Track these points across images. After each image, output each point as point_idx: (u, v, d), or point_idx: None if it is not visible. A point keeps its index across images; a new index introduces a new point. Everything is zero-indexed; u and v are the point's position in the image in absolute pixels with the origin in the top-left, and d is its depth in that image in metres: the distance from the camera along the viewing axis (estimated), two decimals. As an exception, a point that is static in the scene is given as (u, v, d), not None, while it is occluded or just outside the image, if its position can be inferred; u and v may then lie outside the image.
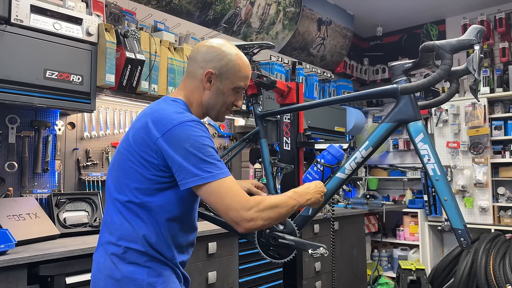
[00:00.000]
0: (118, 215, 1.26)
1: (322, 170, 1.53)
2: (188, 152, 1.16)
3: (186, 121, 1.20)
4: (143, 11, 2.95)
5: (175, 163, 1.17)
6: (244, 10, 3.54)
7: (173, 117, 1.20)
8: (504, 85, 4.34)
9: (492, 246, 3.78)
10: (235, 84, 1.35)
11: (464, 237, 1.28)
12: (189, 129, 1.18)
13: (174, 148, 1.17)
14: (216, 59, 1.32)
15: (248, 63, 1.39)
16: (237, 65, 1.34)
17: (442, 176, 1.33)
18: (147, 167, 1.21)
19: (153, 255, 1.23)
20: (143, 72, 2.49)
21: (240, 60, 1.36)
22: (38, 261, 1.75)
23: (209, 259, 2.46)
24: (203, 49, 1.35)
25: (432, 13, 4.88)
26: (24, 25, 2.04)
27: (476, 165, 4.21)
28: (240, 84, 1.36)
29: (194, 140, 1.17)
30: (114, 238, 1.25)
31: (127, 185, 1.24)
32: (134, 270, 1.21)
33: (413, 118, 1.39)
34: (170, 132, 1.18)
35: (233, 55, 1.35)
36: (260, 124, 1.72)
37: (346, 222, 3.74)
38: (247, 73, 1.38)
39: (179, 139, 1.17)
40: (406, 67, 1.41)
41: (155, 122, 1.21)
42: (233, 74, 1.34)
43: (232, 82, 1.34)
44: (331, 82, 4.61)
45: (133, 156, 1.23)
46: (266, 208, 1.19)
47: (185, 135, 1.17)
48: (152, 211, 1.23)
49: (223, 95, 1.35)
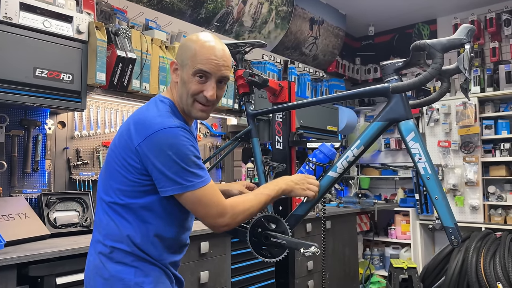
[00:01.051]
0: (104, 215, 1.25)
1: (314, 169, 1.53)
2: (169, 160, 1.14)
3: (169, 127, 1.16)
4: (134, 9, 2.93)
5: (156, 169, 1.16)
6: (236, 9, 3.53)
7: (155, 121, 1.17)
8: (494, 84, 4.38)
9: (483, 245, 3.81)
10: (194, 67, 1.22)
11: (455, 235, 1.28)
12: (171, 135, 1.15)
13: (155, 154, 1.15)
14: (181, 49, 1.29)
15: (215, 47, 1.25)
16: (195, 48, 1.23)
17: (433, 174, 1.34)
18: (130, 170, 1.20)
19: (140, 255, 1.22)
20: (134, 70, 2.48)
21: (200, 42, 1.24)
22: (28, 261, 1.73)
23: (201, 258, 2.45)
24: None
25: (424, 13, 4.91)
26: (13, 22, 2.02)
27: (467, 164, 4.24)
28: (199, 67, 1.22)
29: (176, 148, 1.15)
30: (102, 237, 1.25)
31: (111, 186, 1.24)
32: (121, 270, 1.20)
33: (404, 117, 1.39)
34: (151, 137, 1.15)
35: (195, 40, 1.26)
36: (252, 123, 1.72)
37: (338, 221, 3.75)
38: (208, 56, 1.23)
39: (161, 146, 1.14)
40: (397, 66, 1.41)
41: (137, 126, 1.19)
42: (191, 57, 1.23)
43: (190, 67, 1.23)
44: (324, 82, 4.62)
45: (117, 158, 1.22)
46: (240, 212, 1.25)
47: (167, 142, 1.14)
48: (137, 213, 1.22)
49: (185, 83, 1.25)
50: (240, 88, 1.72)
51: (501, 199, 4.15)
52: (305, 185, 1.41)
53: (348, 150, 1.47)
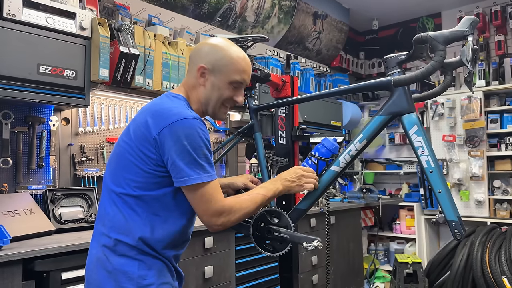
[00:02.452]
0: (112, 207, 1.26)
1: (316, 163, 1.53)
2: (184, 149, 1.17)
3: (187, 117, 1.20)
4: (137, 5, 2.93)
5: (170, 158, 1.18)
6: (239, 4, 3.53)
7: (173, 112, 1.21)
8: (499, 78, 4.34)
9: (488, 239, 3.80)
10: (230, 78, 1.32)
11: (458, 229, 1.28)
12: (188, 126, 1.19)
13: (172, 143, 1.18)
14: (210, 54, 1.32)
15: (246, 57, 1.36)
16: (232, 58, 1.32)
17: (436, 168, 1.33)
18: (146, 161, 1.22)
19: (143, 249, 1.23)
20: (138, 66, 2.48)
21: (235, 53, 1.33)
22: (34, 256, 1.75)
23: (205, 253, 2.46)
24: (200, 46, 1.37)
25: (428, 7, 4.87)
26: (16, 19, 2.03)
27: (472, 158, 4.22)
28: (236, 78, 1.33)
29: (192, 138, 1.18)
30: (106, 229, 1.26)
31: (124, 178, 1.25)
32: (124, 263, 1.21)
33: (407, 111, 1.38)
34: (170, 127, 1.18)
35: (228, 49, 1.33)
36: (254, 118, 1.72)
37: (343, 216, 3.74)
38: (243, 67, 1.34)
39: (178, 135, 1.18)
40: (400, 59, 1.40)
41: (155, 117, 1.22)
42: (227, 67, 1.31)
43: (226, 76, 1.32)
44: (327, 76, 4.61)
45: (132, 150, 1.24)
46: (236, 213, 1.26)
47: (184, 131, 1.18)
48: (148, 204, 1.23)
49: (218, 90, 1.33)
50: (242, 83, 1.72)
51: (507, 193, 4.13)
52: (302, 180, 1.42)
53: (350, 144, 1.47)
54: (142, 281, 1.21)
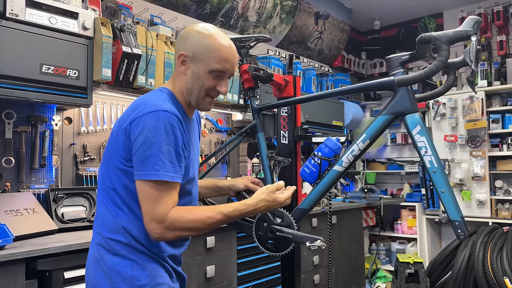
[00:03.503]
0: (101, 206, 1.27)
1: (319, 163, 1.53)
2: (147, 141, 1.13)
3: (159, 110, 1.15)
4: (140, 5, 2.93)
5: (134, 149, 1.16)
6: (241, 4, 3.53)
7: (149, 104, 1.18)
8: (501, 78, 4.34)
9: (490, 239, 3.80)
10: (211, 66, 1.24)
11: (461, 229, 1.28)
12: (158, 118, 1.14)
13: (137, 133, 1.15)
14: (192, 41, 1.26)
15: (231, 46, 1.28)
16: (213, 45, 1.24)
17: (439, 168, 1.33)
18: (123, 155, 1.20)
19: (137, 247, 1.22)
20: (140, 66, 2.48)
21: (216, 40, 1.25)
22: (36, 255, 1.75)
23: (207, 253, 2.46)
24: (184, 32, 1.30)
25: (430, 6, 4.87)
26: (19, 19, 2.03)
27: (473, 159, 4.21)
28: (217, 67, 1.24)
29: (158, 131, 1.14)
30: (99, 228, 1.26)
31: (108, 174, 1.25)
32: (118, 262, 1.20)
33: (410, 111, 1.39)
34: (140, 118, 1.16)
35: (208, 35, 1.25)
36: (257, 117, 1.72)
37: (344, 216, 3.74)
38: (226, 55, 1.25)
39: (145, 126, 1.14)
40: (403, 59, 1.41)
41: (133, 109, 1.21)
42: (207, 55, 1.24)
43: (207, 65, 1.24)
44: (329, 76, 4.61)
45: (113, 145, 1.24)
46: (178, 228, 1.16)
47: (152, 123, 1.14)
48: (128, 201, 1.22)
49: (199, 79, 1.26)
50: (245, 83, 1.72)
51: (509, 193, 4.13)
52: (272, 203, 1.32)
53: (353, 144, 1.47)
54: (136, 281, 1.19)
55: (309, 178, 1.56)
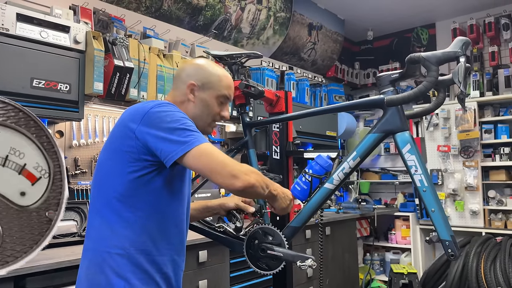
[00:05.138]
0: (96, 218, 1.25)
1: (310, 180, 1.53)
2: (170, 127, 1.17)
3: (161, 103, 1.24)
4: (132, 17, 2.93)
5: (159, 140, 1.17)
6: (235, 16, 3.54)
7: (147, 104, 1.24)
8: (493, 88, 4.37)
9: (483, 250, 3.80)
10: (219, 93, 1.39)
11: (451, 249, 1.28)
12: (165, 108, 1.22)
13: (155, 128, 1.18)
14: (199, 73, 1.39)
15: (229, 75, 1.44)
16: (218, 75, 1.40)
17: (429, 187, 1.34)
18: (127, 159, 1.20)
19: (136, 261, 1.20)
20: (132, 79, 2.48)
21: (221, 71, 1.42)
22: (25, 274, 1.72)
23: (199, 267, 2.44)
24: (186, 66, 1.43)
25: (422, 17, 4.92)
26: (10, 33, 2.02)
27: (466, 169, 4.23)
28: (224, 93, 1.40)
29: (171, 116, 1.20)
30: (92, 243, 1.24)
31: (107, 185, 1.23)
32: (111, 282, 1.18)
33: (400, 129, 1.39)
34: (147, 115, 1.20)
35: (213, 68, 1.41)
36: (248, 134, 1.72)
37: (338, 227, 3.73)
38: (229, 83, 1.42)
39: (156, 118, 1.19)
40: (393, 78, 1.41)
41: (132, 115, 1.23)
42: (215, 83, 1.38)
43: (215, 92, 1.38)
44: (322, 87, 4.62)
45: (111, 154, 1.24)
46: (253, 171, 1.20)
47: (163, 114, 1.20)
48: (133, 204, 1.21)
49: (208, 106, 1.38)
50: (236, 99, 1.72)
51: (501, 203, 4.14)
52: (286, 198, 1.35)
53: (344, 161, 1.47)
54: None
55: (300, 196, 1.55)
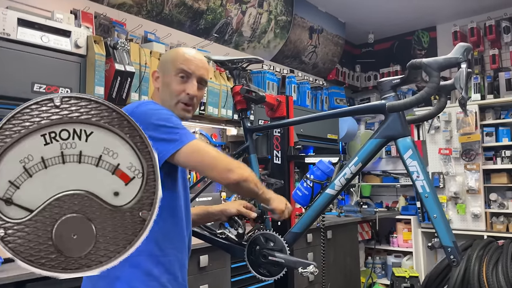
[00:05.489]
0: None
1: (311, 186, 1.52)
2: (157, 125, 1.16)
3: (143, 102, 1.23)
4: (133, 21, 2.94)
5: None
6: (236, 19, 3.54)
7: (132, 105, 1.24)
8: (494, 91, 4.37)
9: (485, 253, 3.78)
10: (175, 69, 1.33)
11: (453, 255, 1.27)
12: (150, 106, 1.21)
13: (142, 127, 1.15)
14: (162, 60, 1.41)
15: (193, 52, 1.39)
16: (176, 53, 1.37)
17: (431, 192, 1.33)
18: None
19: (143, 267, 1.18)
20: (133, 83, 2.48)
21: (181, 49, 1.39)
22: (26, 279, 1.72)
23: (200, 272, 2.44)
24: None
25: (423, 20, 4.91)
26: (11, 38, 2.02)
27: (468, 172, 4.22)
28: (180, 67, 1.32)
29: (158, 114, 1.19)
30: None
31: None
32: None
33: (401, 135, 1.39)
34: (133, 115, 1.16)
35: (175, 49, 1.40)
36: (250, 139, 1.71)
37: (340, 231, 3.73)
38: (187, 56, 1.35)
39: (144, 117, 1.15)
40: (394, 83, 1.41)
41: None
42: (171, 62, 1.35)
43: (172, 70, 1.33)
44: (323, 90, 4.62)
45: None
46: (245, 166, 1.22)
47: (149, 112, 1.18)
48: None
49: (168, 86, 1.34)
50: (237, 104, 1.72)
51: (503, 206, 4.13)
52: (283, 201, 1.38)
53: (345, 167, 1.47)
54: None
55: (302, 201, 1.55)
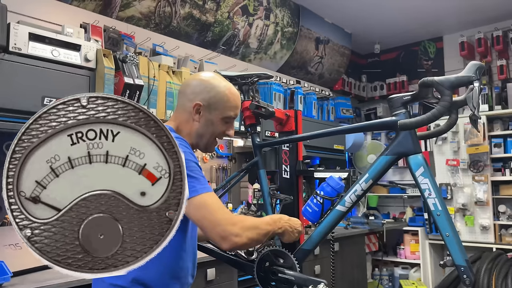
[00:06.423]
0: None
1: (322, 202, 1.51)
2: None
3: (180, 142, 1.20)
4: (142, 34, 2.96)
5: None
6: (243, 32, 3.56)
7: None
8: (502, 102, 4.35)
9: (494, 266, 3.74)
10: (225, 114, 1.37)
11: (467, 274, 1.26)
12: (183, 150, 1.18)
13: None
14: (205, 91, 1.35)
15: (237, 93, 1.42)
16: (226, 95, 1.37)
17: (443, 210, 1.32)
18: None
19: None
20: (142, 96, 2.49)
21: (229, 90, 1.38)
22: (34, 294, 1.72)
23: (208, 285, 2.42)
24: (192, 82, 1.39)
25: (429, 30, 4.91)
26: (22, 53, 2.04)
27: (476, 183, 4.19)
28: (230, 114, 1.38)
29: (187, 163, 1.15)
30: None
31: None
32: None
33: (413, 152, 1.38)
34: None
35: (221, 86, 1.37)
36: (259, 154, 1.71)
37: (347, 243, 3.70)
38: (236, 103, 1.40)
39: None
40: (405, 100, 1.40)
41: None
42: (222, 104, 1.36)
43: (221, 113, 1.36)
44: (330, 100, 4.62)
45: None
46: (249, 227, 1.21)
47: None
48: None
49: (213, 125, 1.36)
50: (246, 120, 1.72)
51: (512, 218, 4.09)
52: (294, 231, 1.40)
53: (356, 184, 1.46)
54: None
55: (311, 218, 1.54)
